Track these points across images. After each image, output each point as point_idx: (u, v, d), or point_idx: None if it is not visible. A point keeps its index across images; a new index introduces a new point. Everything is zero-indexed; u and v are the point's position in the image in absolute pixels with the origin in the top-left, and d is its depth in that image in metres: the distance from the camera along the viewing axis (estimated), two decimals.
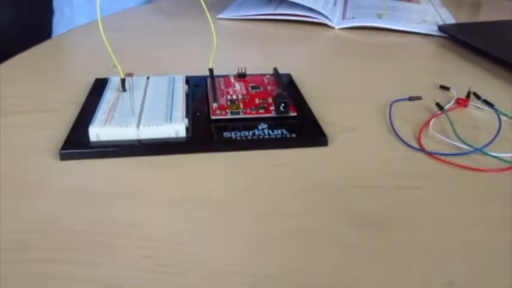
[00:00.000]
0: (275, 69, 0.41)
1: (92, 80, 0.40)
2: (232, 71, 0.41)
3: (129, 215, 0.25)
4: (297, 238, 0.24)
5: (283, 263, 0.22)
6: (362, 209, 0.26)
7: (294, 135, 0.32)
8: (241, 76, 0.41)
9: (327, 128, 0.33)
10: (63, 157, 0.30)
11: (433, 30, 0.59)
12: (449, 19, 0.64)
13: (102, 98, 0.35)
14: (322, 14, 0.61)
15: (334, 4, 0.68)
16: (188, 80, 0.39)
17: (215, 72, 0.39)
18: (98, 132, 0.31)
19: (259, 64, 0.44)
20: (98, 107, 0.33)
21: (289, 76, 0.42)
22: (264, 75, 0.41)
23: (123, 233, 0.24)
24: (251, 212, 0.26)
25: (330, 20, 0.60)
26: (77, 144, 0.31)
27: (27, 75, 0.42)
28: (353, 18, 0.62)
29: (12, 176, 0.28)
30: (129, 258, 0.22)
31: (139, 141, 0.31)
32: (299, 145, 0.32)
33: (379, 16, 0.63)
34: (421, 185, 0.28)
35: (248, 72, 0.41)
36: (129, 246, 0.23)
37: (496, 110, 0.36)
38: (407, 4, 0.71)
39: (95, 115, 0.32)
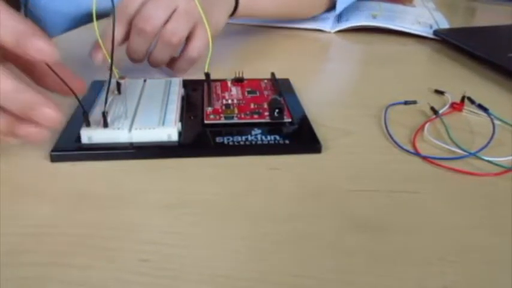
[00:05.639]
0: (272, 74, 0.41)
1: (88, 83, 0.39)
2: (231, 75, 0.41)
3: (124, 218, 0.25)
4: (292, 242, 0.24)
5: (278, 267, 0.22)
6: (357, 213, 0.26)
7: (287, 142, 0.32)
8: (239, 80, 0.40)
9: (322, 132, 0.33)
10: (54, 159, 0.30)
11: (428, 32, 0.59)
12: (444, 23, 0.64)
13: (97, 100, 0.35)
14: (315, 22, 0.61)
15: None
16: (186, 84, 0.39)
17: (214, 76, 0.39)
18: (90, 134, 0.30)
19: (258, 68, 0.44)
20: (92, 109, 0.33)
21: (287, 81, 0.42)
22: (262, 79, 0.41)
23: (118, 236, 0.24)
24: (246, 216, 0.26)
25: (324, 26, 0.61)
26: (68, 146, 0.30)
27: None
28: (347, 20, 0.62)
29: (4, 179, 0.28)
30: (125, 261, 0.22)
31: (131, 144, 0.31)
32: (292, 152, 0.31)
33: (374, 17, 0.63)
34: (417, 189, 0.28)
35: (247, 76, 0.41)
36: (125, 250, 0.23)
37: (490, 115, 0.36)
38: (403, 7, 0.71)
39: (88, 117, 0.32)
